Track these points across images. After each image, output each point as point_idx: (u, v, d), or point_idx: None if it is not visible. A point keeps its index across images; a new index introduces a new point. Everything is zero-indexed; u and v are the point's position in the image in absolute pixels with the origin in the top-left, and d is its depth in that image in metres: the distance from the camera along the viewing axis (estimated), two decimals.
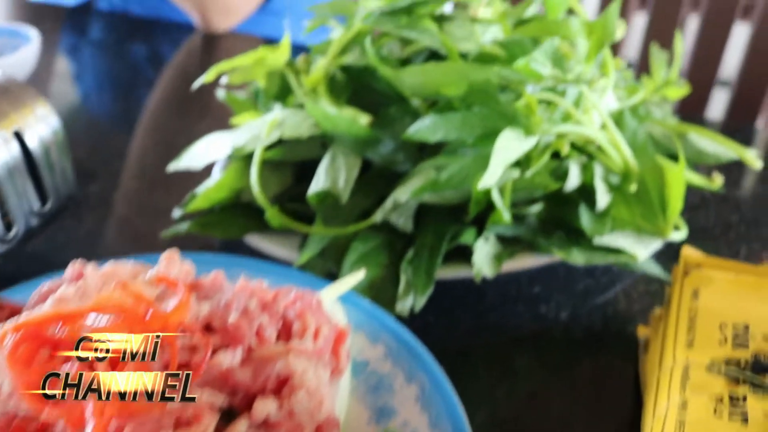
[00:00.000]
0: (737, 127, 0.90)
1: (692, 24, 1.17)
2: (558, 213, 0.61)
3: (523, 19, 0.70)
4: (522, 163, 0.56)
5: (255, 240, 0.60)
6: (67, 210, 0.63)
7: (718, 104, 1.21)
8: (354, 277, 0.51)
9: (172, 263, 0.46)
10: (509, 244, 0.59)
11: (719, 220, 0.72)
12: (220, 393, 0.39)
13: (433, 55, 0.66)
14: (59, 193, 0.62)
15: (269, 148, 0.60)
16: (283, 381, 0.40)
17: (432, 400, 0.45)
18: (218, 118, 0.84)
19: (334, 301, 0.50)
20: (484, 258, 0.56)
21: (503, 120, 0.54)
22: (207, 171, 0.68)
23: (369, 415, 0.46)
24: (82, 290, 0.42)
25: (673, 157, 0.70)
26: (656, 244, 0.60)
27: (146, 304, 0.40)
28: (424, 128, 0.56)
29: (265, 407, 0.39)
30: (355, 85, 0.64)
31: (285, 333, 0.44)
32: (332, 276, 0.56)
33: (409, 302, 0.53)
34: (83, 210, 0.69)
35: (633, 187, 0.61)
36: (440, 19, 0.65)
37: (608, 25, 0.59)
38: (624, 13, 1.17)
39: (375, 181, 0.59)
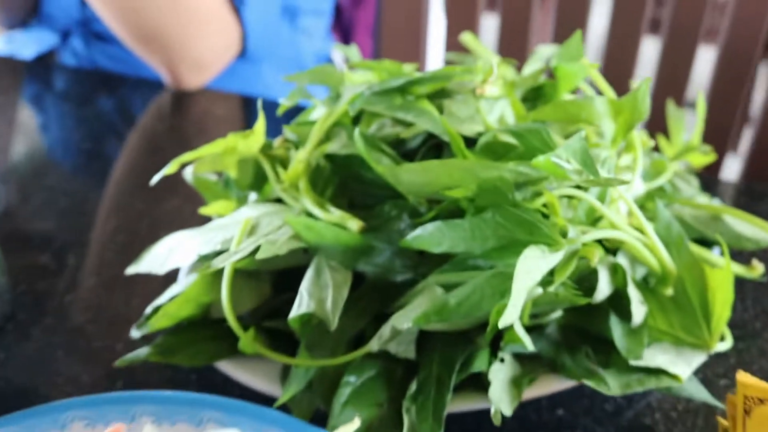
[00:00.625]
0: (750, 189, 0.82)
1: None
2: (582, 323, 0.52)
3: (535, 89, 0.62)
4: (543, 277, 0.47)
5: (228, 368, 0.51)
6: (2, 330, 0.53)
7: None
8: (348, 428, 0.42)
9: None
10: (528, 363, 0.50)
11: (758, 310, 0.63)
12: None
13: (431, 137, 0.57)
14: None
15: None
16: None
17: None
18: (189, 196, 0.75)
19: None
20: (501, 389, 0.47)
21: (521, 229, 0.45)
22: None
23: None
24: None
25: (705, 243, 0.61)
26: (699, 359, 0.51)
27: None
28: (426, 236, 0.47)
29: None
30: (342, 176, 0.55)
31: None
32: (321, 416, 0.47)
33: None
34: (34, 314, 0.60)
35: (669, 291, 0.52)
36: (440, 95, 0.56)
37: (639, 105, 0.50)
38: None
39: (369, 296, 0.50)
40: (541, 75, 0.62)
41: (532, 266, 0.43)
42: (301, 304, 0.47)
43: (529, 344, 0.44)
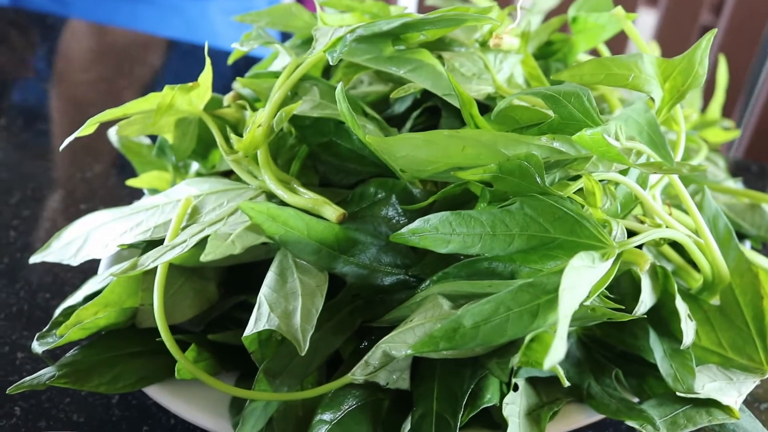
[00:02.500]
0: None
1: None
2: (608, 337, 0.42)
3: (545, 45, 0.50)
4: None
5: (161, 397, 0.39)
6: None
7: None
8: None
9: None
10: (544, 389, 0.40)
11: None
12: None
13: (423, 101, 0.45)
14: None
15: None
16: None
17: None
18: (115, 163, 0.61)
19: None
20: (524, 428, 0.36)
21: (560, 226, 0.34)
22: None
23: None
24: None
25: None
26: (750, 385, 0.41)
27: None
28: (429, 231, 0.36)
29: None
30: (311, 146, 0.43)
31: None
32: None
33: None
34: None
35: (716, 301, 0.42)
36: (438, 46, 0.44)
37: (696, 67, 0.39)
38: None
39: (348, 305, 0.39)
40: (558, 27, 0.51)
41: (580, 280, 0.32)
42: (260, 318, 0.36)
43: (564, 380, 0.34)
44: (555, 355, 0.30)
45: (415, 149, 0.36)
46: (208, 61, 0.42)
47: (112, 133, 0.53)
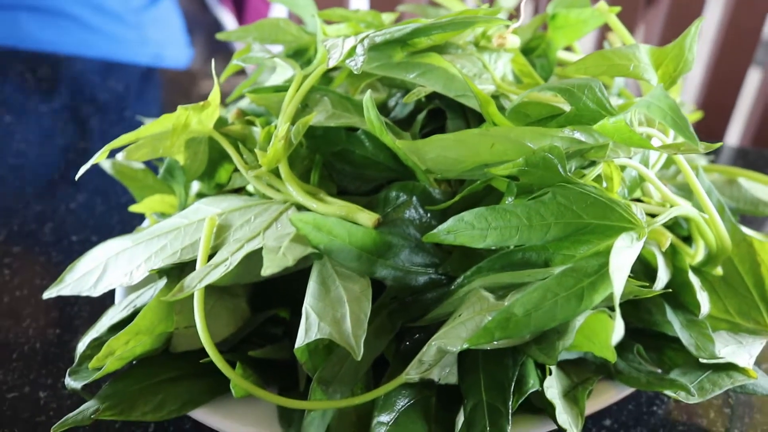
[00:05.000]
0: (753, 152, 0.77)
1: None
2: (629, 315, 0.44)
3: (534, 41, 0.52)
4: None
5: (208, 417, 0.38)
6: None
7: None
8: None
9: None
10: (573, 371, 0.42)
11: None
12: None
13: (425, 104, 0.46)
14: None
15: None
16: None
17: None
18: (98, 190, 0.60)
19: None
20: (566, 409, 0.38)
21: (593, 212, 0.36)
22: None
23: None
24: None
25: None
26: (759, 346, 0.44)
27: None
28: (464, 228, 0.37)
29: None
30: (325, 155, 0.44)
31: None
32: None
33: None
34: None
35: (719, 272, 0.45)
36: (437, 50, 0.45)
37: (685, 54, 0.42)
38: None
39: (388, 307, 0.39)
40: (541, 24, 0.53)
41: (625, 259, 0.34)
42: (310, 328, 0.36)
43: (613, 356, 0.36)
44: (618, 332, 0.31)
45: (445, 150, 0.38)
46: (216, 79, 0.43)
47: (105, 162, 0.52)
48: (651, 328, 0.43)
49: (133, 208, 0.49)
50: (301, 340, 0.36)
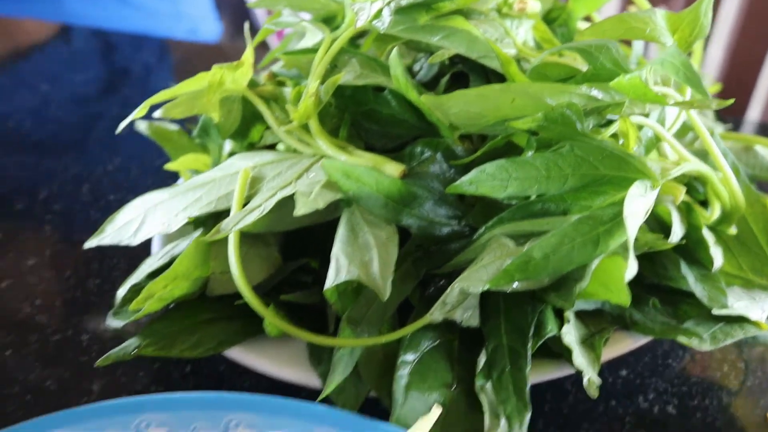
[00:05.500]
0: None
1: None
2: (645, 269, 0.46)
3: (555, 11, 0.54)
4: None
5: (242, 355, 0.41)
6: None
7: None
8: (427, 421, 0.34)
9: None
10: (591, 322, 0.43)
11: None
12: None
13: (449, 66, 0.48)
14: None
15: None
16: None
17: None
18: (133, 155, 0.62)
19: None
20: (583, 354, 0.39)
21: (608, 164, 0.38)
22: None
23: None
24: None
25: None
26: None
27: None
28: (486, 179, 0.38)
29: None
30: (353, 114, 0.46)
31: None
32: (369, 405, 0.38)
33: None
34: None
35: (733, 231, 0.47)
36: (462, 15, 0.47)
37: (701, 18, 0.43)
38: None
39: (413, 255, 0.41)
40: None
41: (638, 206, 0.35)
42: (339, 271, 0.38)
43: (627, 299, 0.37)
44: (631, 270, 0.33)
45: (468, 104, 0.39)
46: (251, 40, 0.45)
47: (141, 124, 0.54)
48: (666, 282, 0.45)
49: (169, 166, 0.51)
50: (330, 282, 0.38)
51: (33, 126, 0.68)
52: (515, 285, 0.37)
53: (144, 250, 0.47)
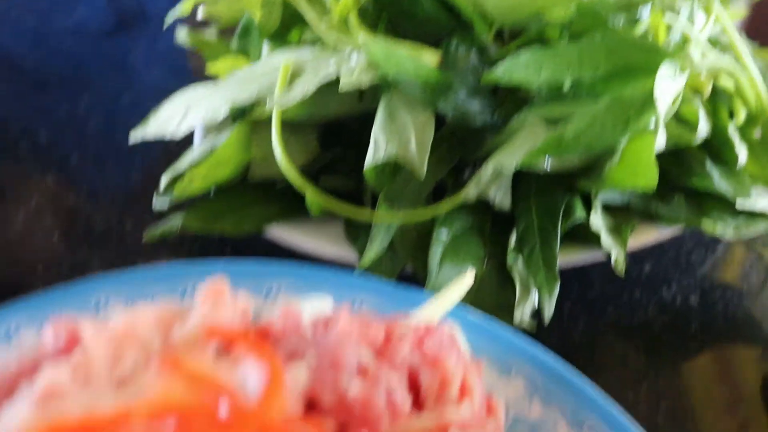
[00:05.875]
0: None
1: None
2: (670, 165, 0.47)
3: None
4: None
5: (283, 233, 0.43)
6: None
7: None
8: (461, 284, 0.36)
9: (221, 302, 0.28)
10: (618, 215, 0.45)
11: None
12: None
13: None
14: None
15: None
16: None
17: None
18: (172, 69, 0.64)
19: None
20: (610, 238, 0.41)
21: (638, 52, 0.39)
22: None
23: None
24: (84, 372, 0.23)
25: None
26: None
27: (220, 394, 0.23)
28: (521, 68, 0.40)
29: None
30: (390, 13, 0.47)
31: (414, 393, 0.28)
32: (402, 279, 0.40)
33: (529, 307, 0.38)
34: (19, 196, 0.50)
35: (758, 133, 0.48)
36: None
37: None
38: None
39: (449, 140, 0.43)
40: None
41: (667, 87, 0.37)
42: (378, 150, 0.40)
43: (654, 179, 0.39)
44: (660, 142, 0.35)
45: None
46: None
47: (181, 32, 0.56)
48: (691, 182, 0.46)
49: (210, 69, 0.53)
50: (369, 161, 0.40)
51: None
52: (546, 164, 0.39)
53: (186, 146, 0.49)
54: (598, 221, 0.42)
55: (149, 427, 0.20)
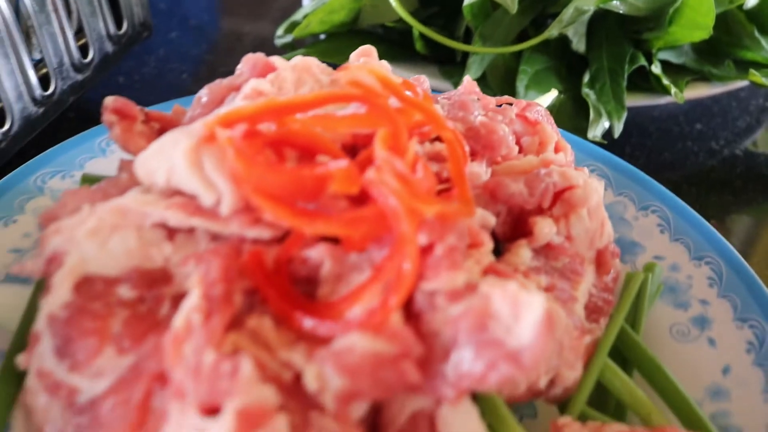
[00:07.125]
0: None
1: None
2: (721, 38, 0.53)
3: None
4: None
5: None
6: (139, 38, 0.50)
7: None
8: (547, 98, 0.42)
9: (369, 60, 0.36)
10: (674, 74, 0.51)
11: None
12: (491, 213, 0.30)
13: None
14: (134, 18, 0.49)
15: None
16: (558, 196, 0.31)
17: (681, 229, 0.37)
18: None
19: None
20: (671, 81, 0.48)
21: None
22: None
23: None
24: (279, 83, 0.32)
25: None
26: None
27: (390, 91, 0.30)
28: None
29: (547, 228, 0.30)
30: None
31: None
32: None
33: (600, 128, 0.45)
34: (154, 44, 0.57)
35: None
36: None
37: None
38: None
39: None
40: None
41: None
42: None
43: (710, 24, 0.45)
44: None
45: None
46: None
47: None
48: (740, 50, 0.52)
49: None
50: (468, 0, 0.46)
51: None
52: (619, 5, 0.45)
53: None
54: (658, 68, 0.48)
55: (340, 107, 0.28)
